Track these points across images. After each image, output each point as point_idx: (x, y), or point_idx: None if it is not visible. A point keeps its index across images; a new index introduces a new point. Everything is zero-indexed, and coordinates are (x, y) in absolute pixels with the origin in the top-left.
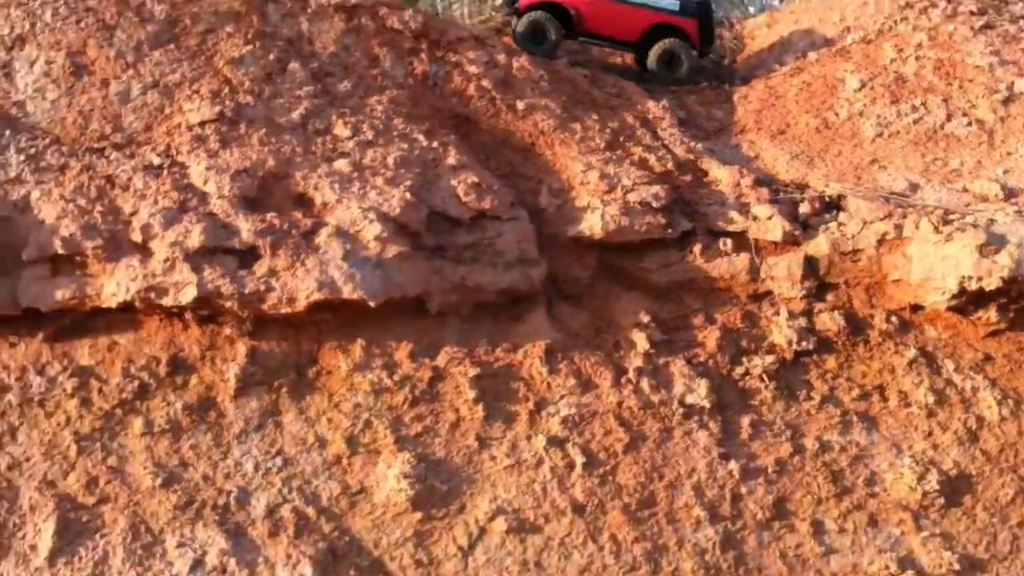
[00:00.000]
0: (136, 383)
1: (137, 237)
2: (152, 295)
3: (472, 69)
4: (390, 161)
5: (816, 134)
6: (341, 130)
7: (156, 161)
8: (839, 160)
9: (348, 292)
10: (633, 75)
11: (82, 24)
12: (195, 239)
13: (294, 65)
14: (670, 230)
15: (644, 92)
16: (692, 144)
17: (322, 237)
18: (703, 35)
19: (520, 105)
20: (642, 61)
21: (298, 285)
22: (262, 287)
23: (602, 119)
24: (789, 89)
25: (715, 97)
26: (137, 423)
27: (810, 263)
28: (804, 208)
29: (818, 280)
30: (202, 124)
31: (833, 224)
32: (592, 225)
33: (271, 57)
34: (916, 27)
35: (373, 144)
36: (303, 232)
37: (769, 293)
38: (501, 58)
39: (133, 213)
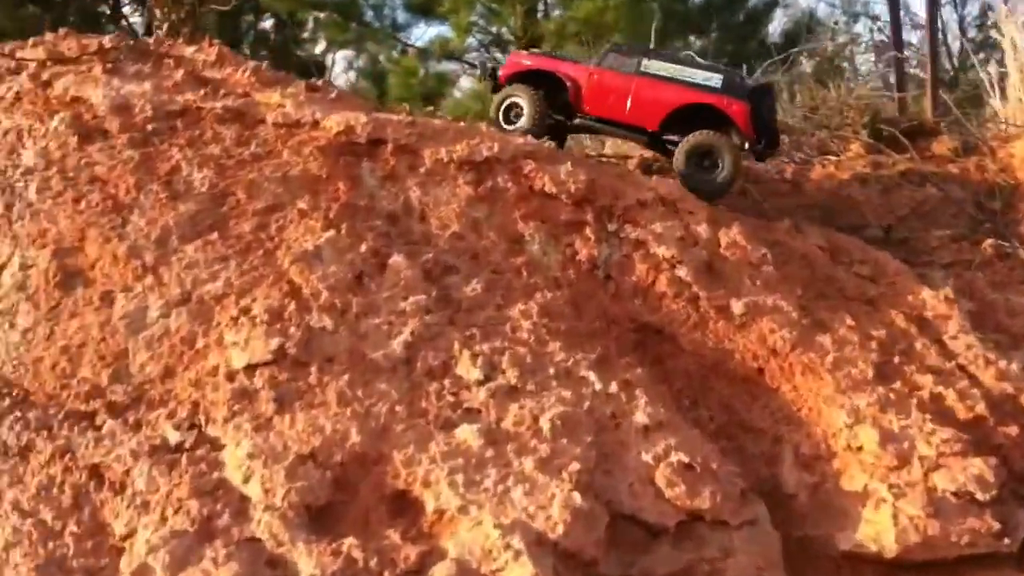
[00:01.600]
0: None
1: None
2: None
3: (661, 250)
4: (545, 425)
5: None
6: (467, 368)
7: (173, 438)
8: None
9: None
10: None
11: (81, 205)
12: None
13: (398, 259)
14: (1006, 540)
15: (909, 270)
16: (1003, 365)
17: None
18: (758, 127)
19: (737, 307)
20: (670, 155)
21: None
22: None
23: (860, 324)
24: None
25: (1009, 274)
26: None
27: None
28: None
29: None
30: (251, 369)
31: None
32: (880, 533)
33: (364, 248)
34: None
35: (518, 392)
36: (403, 574)
37: None
38: (702, 230)
39: (127, 536)
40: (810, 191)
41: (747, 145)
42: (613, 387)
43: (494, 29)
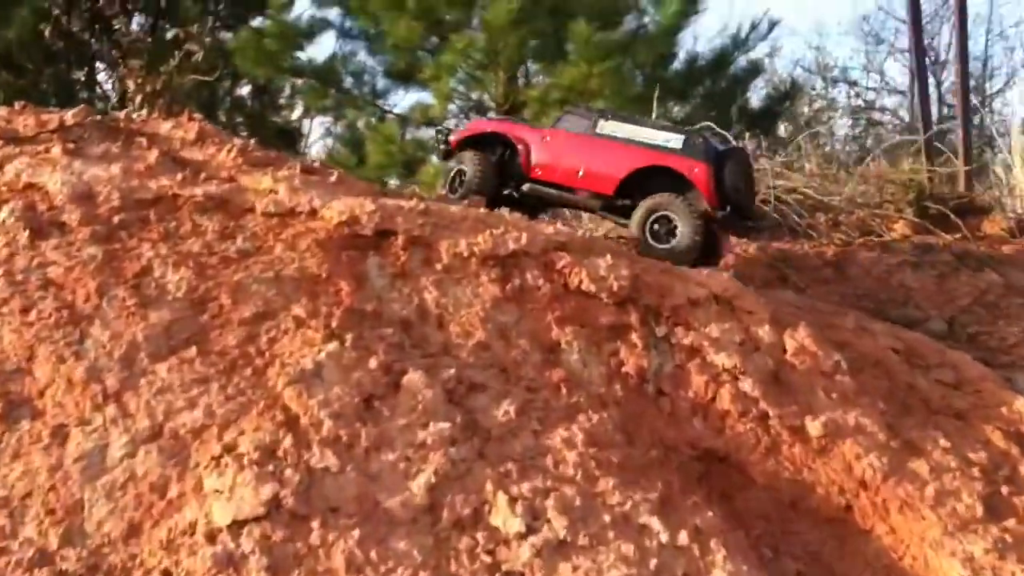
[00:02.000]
0: None
1: None
2: None
3: (720, 359)
4: None
5: None
6: (505, 517)
7: None
8: None
9: None
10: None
11: (30, 316)
12: None
13: (414, 376)
14: None
15: (994, 375)
16: None
17: None
18: (722, 192)
19: (813, 427)
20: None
21: None
22: None
23: (954, 444)
24: None
25: None
26: None
27: None
28: None
29: None
30: (238, 527)
31: None
32: None
33: (373, 363)
34: None
35: (568, 548)
36: None
37: None
38: (764, 333)
39: None
40: (856, 276)
41: (708, 212)
42: (682, 537)
43: (475, 95)
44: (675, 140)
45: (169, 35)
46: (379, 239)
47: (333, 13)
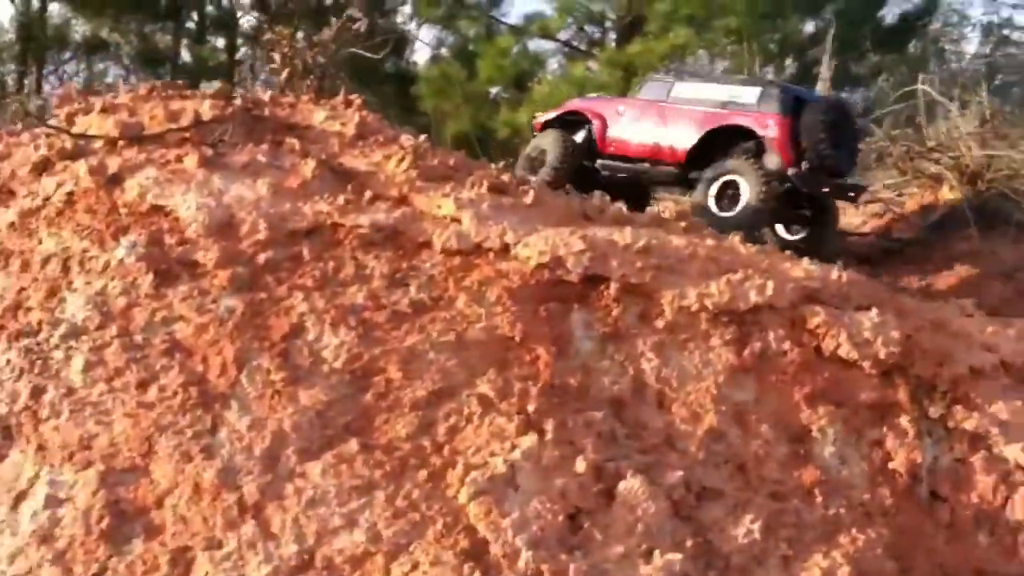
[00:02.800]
0: None
1: None
2: None
3: (1013, 451)
4: None
5: None
6: None
7: None
8: None
9: None
10: None
11: (150, 393)
12: None
13: (632, 484)
14: None
15: None
16: None
17: None
18: (801, 147)
19: None
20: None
21: None
22: None
23: None
24: None
25: None
26: None
27: None
28: None
29: None
30: None
31: None
32: None
33: (580, 465)
34: None
35: None
36: None
37: None
38: None
39: None
40: None
41: (783, 170)
42: None
43: (594, 5)
44: (749, 94)
45: None
46: (586, 287)
47: None
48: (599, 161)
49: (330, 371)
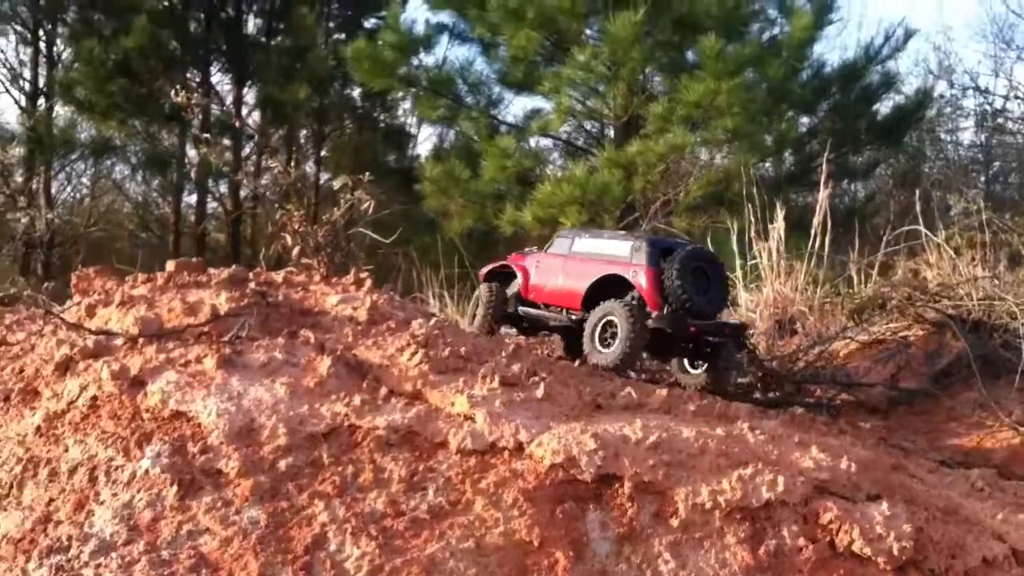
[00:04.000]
0: None
1: None
2: None
3: None
4: None
5: None
6: None
7: None
8: None
9: None
10: None
11: None
12: None
13: None
14: None
15: None
16: None
17: None
18: (662, 295)
19: None
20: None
21: None
22: None
23: None
24: None
25: None
26: None
27: None
28: None
29: None
30: None
31: None
32: None
33: None
34: None
35: None
36: None
37: None
38: None
39: None
40: None
41: (653, 314)
42: None
43: (591, 103)
44: (624, 248)
45: (337, 184)
46: (600, 486)
47: (446, 16)
48: (520, 308)
49: None
